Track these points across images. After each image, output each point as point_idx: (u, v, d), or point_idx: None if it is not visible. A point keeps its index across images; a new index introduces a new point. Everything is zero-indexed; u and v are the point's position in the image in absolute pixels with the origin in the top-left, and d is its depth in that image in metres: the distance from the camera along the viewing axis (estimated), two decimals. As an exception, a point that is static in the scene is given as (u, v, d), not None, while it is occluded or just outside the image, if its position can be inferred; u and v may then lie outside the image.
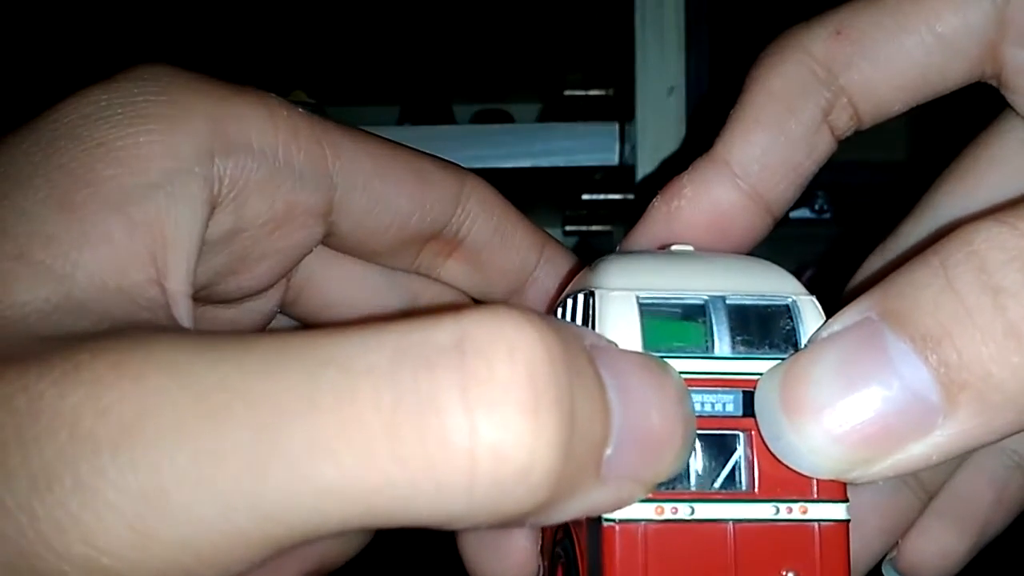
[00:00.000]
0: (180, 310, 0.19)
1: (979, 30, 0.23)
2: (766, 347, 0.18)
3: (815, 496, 0.18)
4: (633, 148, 0.59)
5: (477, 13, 0.74)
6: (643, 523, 0.17)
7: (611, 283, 0.19)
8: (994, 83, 0.24)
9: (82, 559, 0.14)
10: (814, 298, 0.19)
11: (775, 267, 0.20)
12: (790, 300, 0.19)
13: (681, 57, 0.57)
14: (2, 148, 0.19)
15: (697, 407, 0.18)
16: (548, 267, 0.27)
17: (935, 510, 0.26)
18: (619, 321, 0.18)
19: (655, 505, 0.17)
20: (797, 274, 0.21)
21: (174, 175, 0.19)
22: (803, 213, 0.60)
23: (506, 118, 0.93)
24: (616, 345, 0.17)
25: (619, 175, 0.65)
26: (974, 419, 0.17)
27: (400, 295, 0.26)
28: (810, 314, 0.19)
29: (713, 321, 0.18)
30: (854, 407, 0.17)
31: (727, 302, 0.19)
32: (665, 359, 0.17)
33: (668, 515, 0.17)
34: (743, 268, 0.20)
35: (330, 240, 0.24)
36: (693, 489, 0.18)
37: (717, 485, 0.18)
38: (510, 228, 0.26)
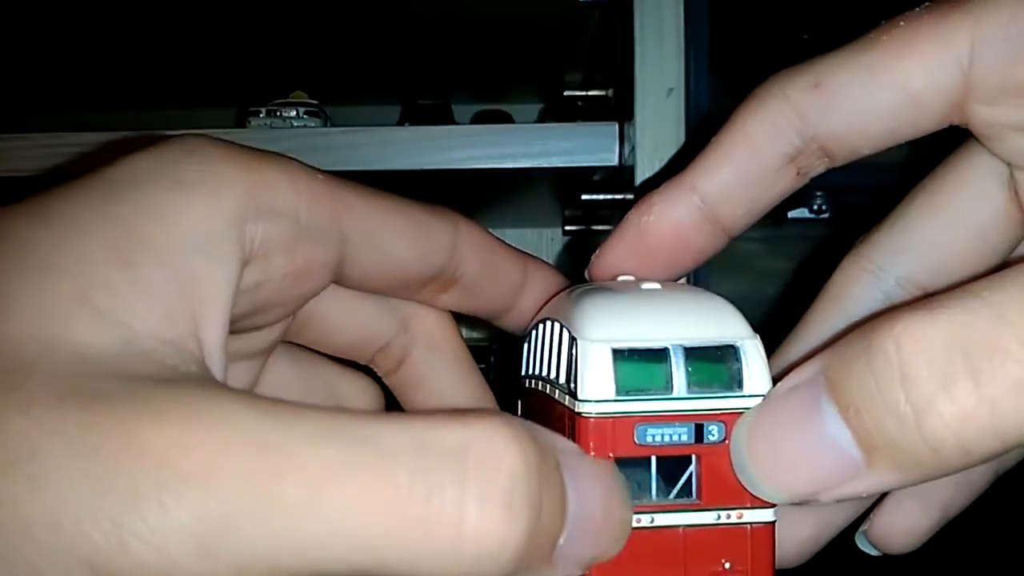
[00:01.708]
0: (215, 362, 0.22)
1: (947, 89, 0.25)
2: (716, 387, 0.23)
3: (748, 504, 0.23)
4: (633, 149, 0.59)
5: (477, 13, 0.75)
6: None
7: (590, 333, 0.23)
8: (963, 127, 0.26)
9: (155, 564, 0.17)
10: (757, 340, 0.23)
11: (728, 307, 0.24)
12: (738, 343, 0.23)
13: (681, 57, 0.57)
14: (57, 197, 0.22)
15: (659, 437, 0.23)
16: (533, 282, 0.30)
17: (904, 490, 0.29)
18: (596, 368, 0.23)
19: None
20: (797, 273, 0.22)
21: (213, 238, 0.22)
22: (802, 213, 0.60)
23: (506, 118, 0.94)
24: (579, 450, 0.22)
25: (619, 175, 0.65)
26: (889, 474, 0.20)
27: (393, 321, 0.29)
28: (753, 356, 0.23)
29: (673, 365, 0.23)
30: (798, 458, 0.21)
31: (685, 347, 0.23)
32: (631, 401, 0.22)
33: (634, 524, 0.22)
34: (700, 310, 0.24)
35: (341, 281, 0.27)
36: (654, 501, 0.23)
37: (672, 497, 0.23)
38: (497, 259, 0.29)
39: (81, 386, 0.19)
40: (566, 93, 0.77)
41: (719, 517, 0.23)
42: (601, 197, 0.68)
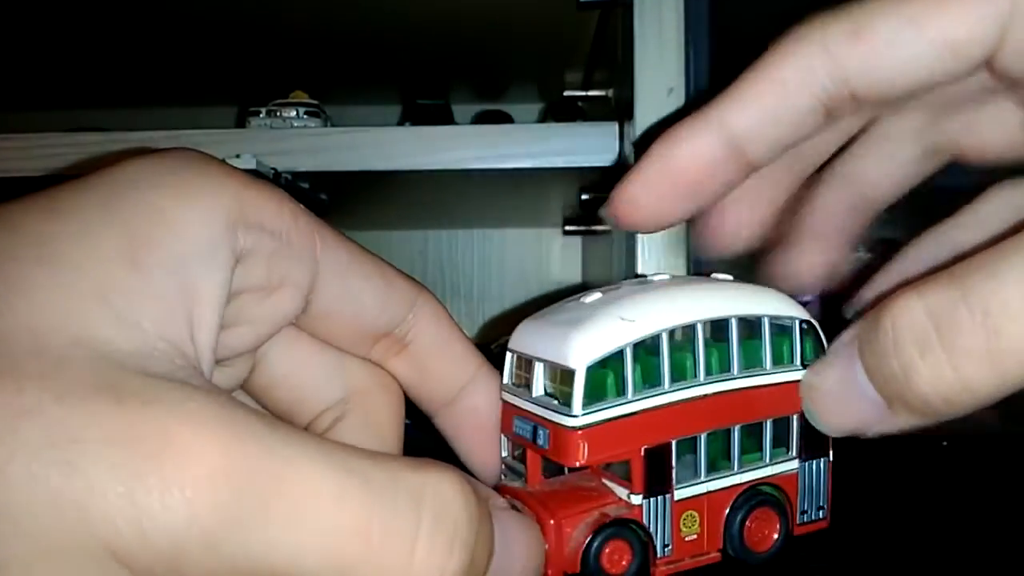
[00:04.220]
0: (205, 364, 0.23)
1: (986, 41, 0.25)
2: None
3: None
4: (633, 148, 0.59)
5: (477, 13, 0.74)
6: None
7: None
8: (992, 74, 0.27)
9: (167, 552, 0.19)
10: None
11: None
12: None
13: (681, 57, 0.57)
14: (64, 194, 0.23)
15: None
16: (480, 384, 0.32)
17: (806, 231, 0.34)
18: None
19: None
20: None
21: (209, 243, 0.24)
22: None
23: (506, 118, 0.94)
24: (508, 506, 0.27)
25: (619, 175, 0.65)
26: (906, 417, 0.25)
27: (340, 386, 0.30)
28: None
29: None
30: (843, 403, 0.27)
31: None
32: None
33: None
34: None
35: (303, 319, 0.28)
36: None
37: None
38: (452, 342, 0.31)
39: (110, 381, 0.20)
40: (566, 93, 0.77)
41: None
42: (601, 197, 0.68)
